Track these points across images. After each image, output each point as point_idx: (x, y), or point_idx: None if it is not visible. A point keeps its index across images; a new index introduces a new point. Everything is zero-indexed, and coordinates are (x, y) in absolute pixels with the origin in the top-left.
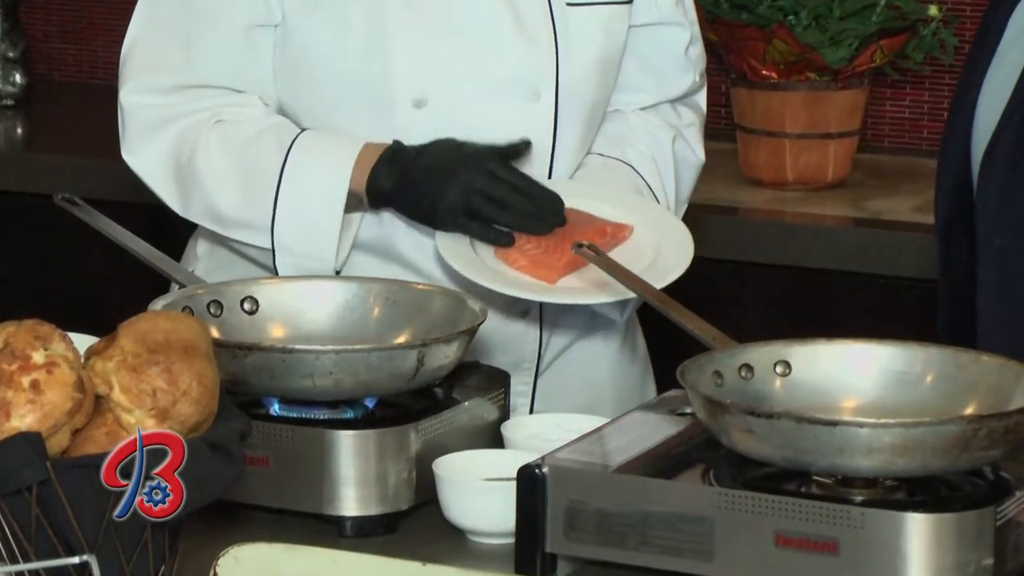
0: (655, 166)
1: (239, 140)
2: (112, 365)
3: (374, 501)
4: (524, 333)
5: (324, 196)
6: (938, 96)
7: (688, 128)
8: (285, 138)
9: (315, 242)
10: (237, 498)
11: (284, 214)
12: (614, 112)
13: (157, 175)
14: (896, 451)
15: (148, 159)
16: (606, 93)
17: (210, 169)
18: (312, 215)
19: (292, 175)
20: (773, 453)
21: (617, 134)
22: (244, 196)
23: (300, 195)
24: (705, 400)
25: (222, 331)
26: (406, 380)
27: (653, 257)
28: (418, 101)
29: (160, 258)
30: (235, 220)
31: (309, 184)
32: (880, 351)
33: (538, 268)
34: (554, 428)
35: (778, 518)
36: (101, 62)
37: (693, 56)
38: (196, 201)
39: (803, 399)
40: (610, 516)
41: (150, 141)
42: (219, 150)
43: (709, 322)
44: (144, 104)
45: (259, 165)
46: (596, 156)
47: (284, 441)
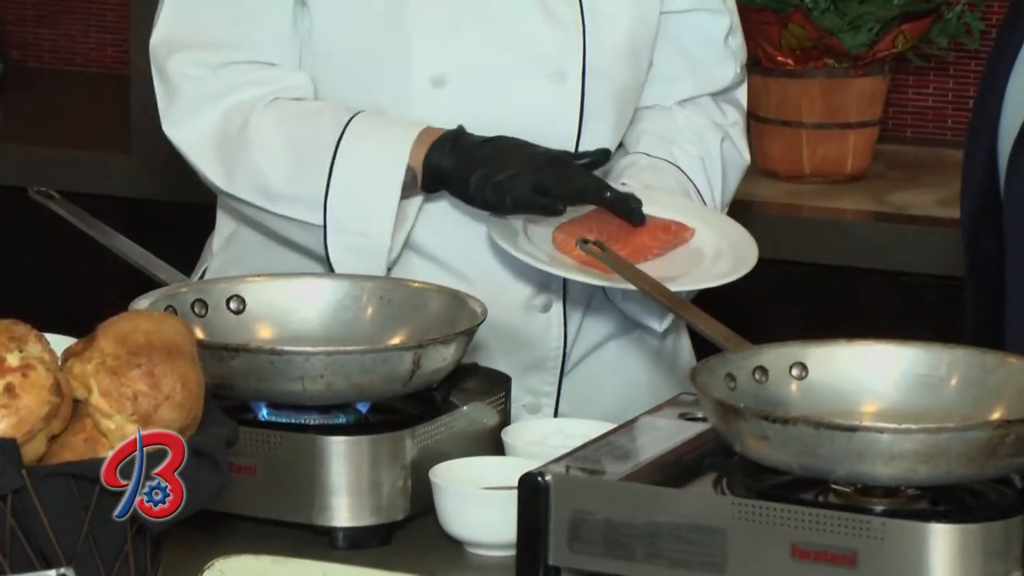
0: (703, 168)
1: (294, 114)
2: (91, 368)
3: (367, 511)
4: (546, 329)
5: (381, 170)
6: (963, 84)
7: (733, 128)
8: (343, 115)
9: (370, 218)
10: (223, 508)
11: (339, 188)
12: (656, 108)
13: (201, 148)
14: (919, 458)
15: (193, 131)
16: (637, 79)
17: (261, 142)
18: (368, 190)
19: (349, 149)
20: (789, 460)
21: (664, 133)
22: (297, 169)
23: (357, 169)
24: (717, 404)
25: (207, 332)
26: (401, 383)
27: (715, 258)
28: (436, 80)
29: (142, 255)
30: (285, 194)
31: (366, 159)
32: (902, 353)
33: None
34: (557, 434)
35: (794, 529)
36: (79, 47)
37: (733, 46)
38: (243, 175)
39: (821, 403)
40: (616, 527)
41: (198, 114)
42: (273, 124)
43: (721, 322)
44: (195, 76)
45: (314, 139)
46: (643, 156)
47: (272, 448)
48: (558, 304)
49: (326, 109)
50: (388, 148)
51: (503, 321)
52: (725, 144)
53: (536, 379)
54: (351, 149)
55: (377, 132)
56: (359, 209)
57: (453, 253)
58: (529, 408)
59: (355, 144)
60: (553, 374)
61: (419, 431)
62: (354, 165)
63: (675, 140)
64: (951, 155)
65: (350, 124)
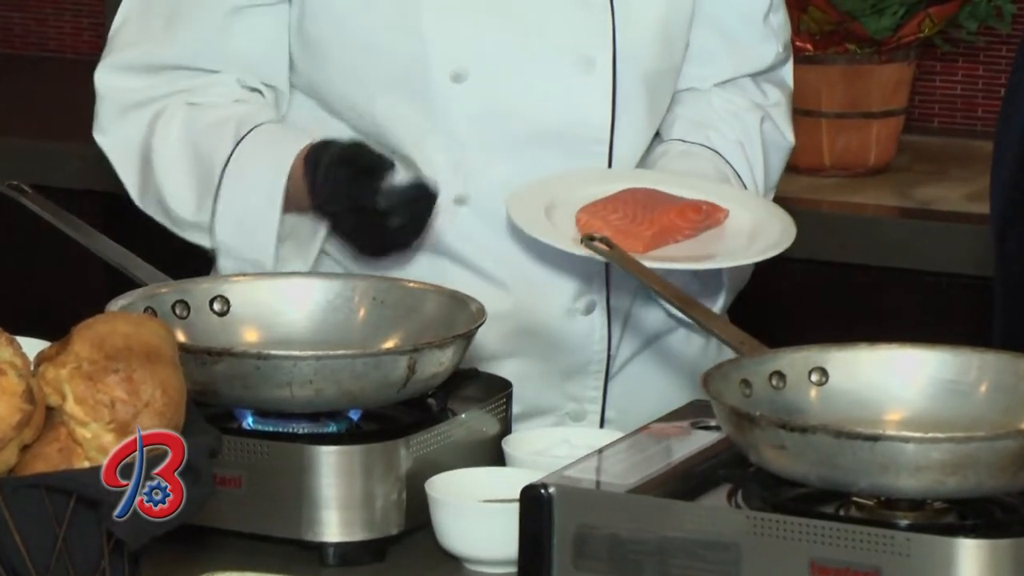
0: (742, 152)
1: (199, 126)
2: (65, 373)
3: (359, 525)
4: (589, 332)
5: (263, 194)
6: (994, 71)
7: (775, 108)
8: (242, 129)
9: (252, 244)
10: (206, 522)
11: (223, 213)
12: (693, 91)
13: (123, 159)
14: (946, 469)
15: (117, 140)
16: (672, 63)
17: (165, 158)
18: (249, 215)
19: (235, 169)
20: (808, 471)
21: (699, 117)
22: (195, 191)
23: (240, 194)
24: (732, 412)
25: (189, 335)
26: (395, 389)
27: (752, 235)
28: (457, 74)
29: (120, 253)
30: (186, 221)
31: (249, 181)
32: (928, 357)
33: (625, 238)
34: (561, 444)
35: (814, 544)
36: (52, 32)
37: (774, 24)
38: (151, 192)
39: (841, 411)
40: (624, 543)
41: (122, 123)
42: (177, 137)
43: (736, 325)
44: (119, 86)
45: (210, 157)
46: (677, 143)
47: (259, 458)
48: (601, 305)
49: (229, 120)
50: (271, 168)
51: (543, 326)
52: (766, 125)
53: (579, 385)
54: (236, 170)
55: (264, 151)
56: (243, 235)
57: (488, 259)
58: (573, 416)
59: (241, 164)
60: (597, 379)
61: (414, 440)
62: (238, 188)
63: (712, 124)
64: (981, 147)
65: (242, 142)
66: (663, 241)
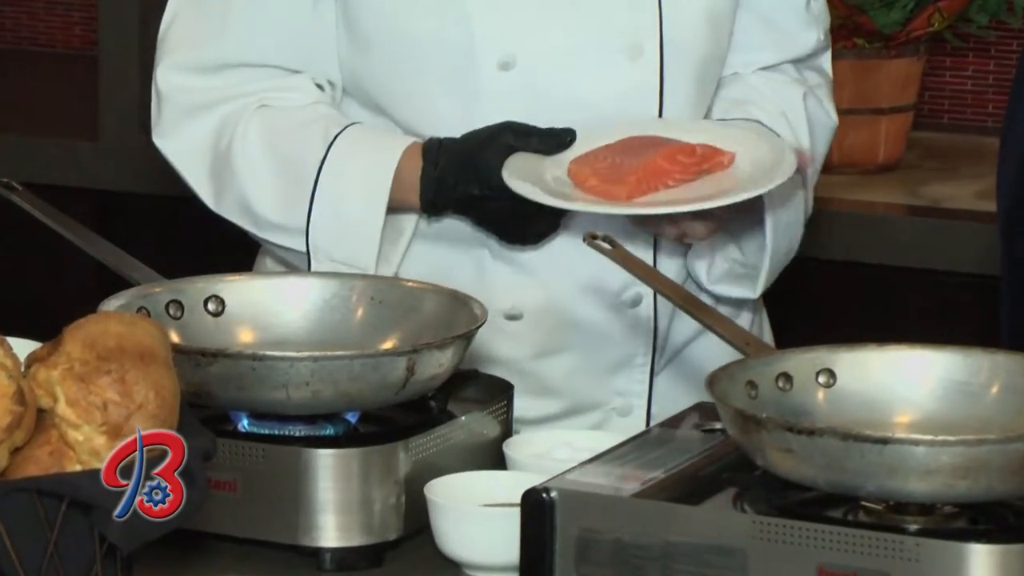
0: (786, 121)
1: (282, 129)
2: (57, 374)
3: (357, 530)
4: (635, 324)
5: (365, 195)
6: (1005, 65)
7: (817, 89)
8: (332, 130)
9: (353, 246)
10: (200, 527)
11: (320, 215)
12: (733, 76)
13: (191, 163)
14: (957, 473)
15: (183, 145)
16: (719, 49)
17: (246, 161)
18: (351, 215)
19: (332, 171)
20: (815, 475)
21: (739, 96)
22: (281, 194)
23: (339, 194)
24: (737, 414)
25: (183, 335)
26: (394, 391)
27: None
28: (504, 63)
29: (112, 252)
30: (271, 221)
31: (349, 182)
32: (938, 358)
33: (610, 184)
34: (564, 446)
35: (821, 550)
36: (43, 27)
37: (816, 10)
38: (230, 197)
39: (849, 413)
40: (628, 547)
41: (187, 126)
42: (258, 139)
43: None
44: (183, 87)
45: (300, 160)
46: (717, 122)
47: (254, 461)
48: (648, 297)
49: (315, 121)
50: (372, 169)
51: (587, 320)
52: (810, 100)
53: (625, 379)
54: (333, 171)
55: (362, 153)
56: (342, 237)
57: (531, 254)
58: (620, 411)
59: (338, 166)
60: (643, 372)
61: (413, 443)
62: (337, 190)
63: (752, 100)
64: (992, 143)
65: (335, 141)
66: (650, 187)
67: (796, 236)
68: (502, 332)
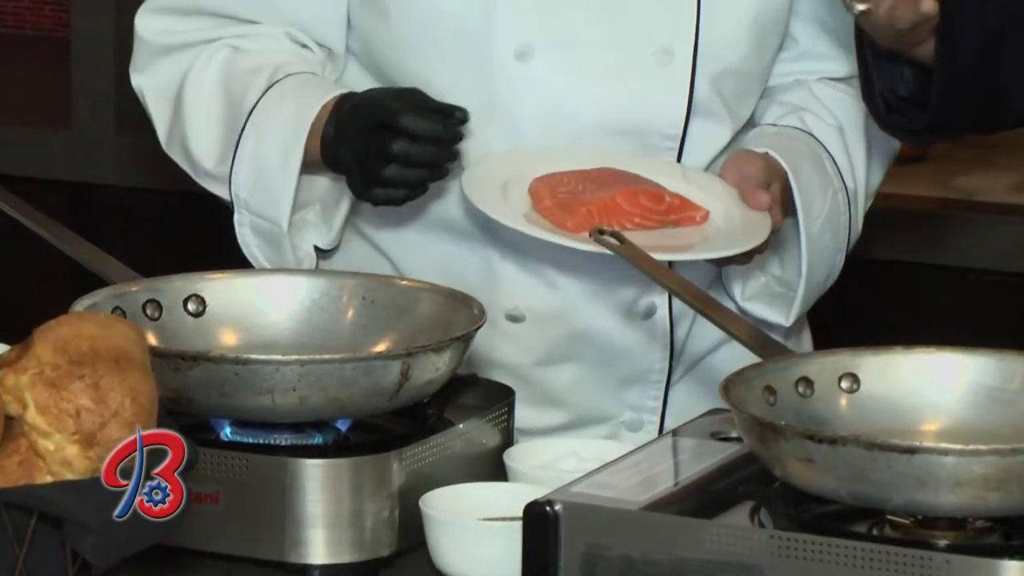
0: (840, 138)
1: (235, 72)
2: (26, 379)
3: (348, 546)
4: (649, 338)
5: (283, 145)
6: None
7: None
8: (276, 76)
9: (269, 200)
10: (180, 542)
11: (241, 162)
12: (795, 82)
13: (157, 99)
14: (989, 484)
15: (151, 81)
16: (760, 65)
17: (194, 102)
18: (268, 166)
19: (259, 116)
20: (838, 487)
21: (797, 101)
22: (218, 138)
23: (262, 143)
24: (754, 422)
25: (161, 337)
26: (387, 397)
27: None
28: (521, 53)
29: (86, 248)
30: (205, 169)
31: (272, 130)
32: (969, 362)
33: (562, 211)
34: (569, 456)
35: (844, 567)
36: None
37: None
38: (177, 136)
39: (874, 421)
40: (637, 564)
41: (160, 64)
42: (211, 81)
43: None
44: (159, 29)
45: (238, 104)
46: (769, 126)
47: (238, 472)
48: (663, 308)
49: (268, 66)
50: (293, 119)
51: (599, 330)
52: (873, 122)
53: (638, 393)
54: (261, 117)
55: (291, 101)
56: (257, 186)
57: (544, 260)
58: (630, 425)
59: (266, 112)
60: (658, 387)
61: (408, 453)
62: (259, 135)
63: (809, 108)
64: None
65: (270, 88)
66: (600, 223)
67: (836, 263)
68: (503, 335)
